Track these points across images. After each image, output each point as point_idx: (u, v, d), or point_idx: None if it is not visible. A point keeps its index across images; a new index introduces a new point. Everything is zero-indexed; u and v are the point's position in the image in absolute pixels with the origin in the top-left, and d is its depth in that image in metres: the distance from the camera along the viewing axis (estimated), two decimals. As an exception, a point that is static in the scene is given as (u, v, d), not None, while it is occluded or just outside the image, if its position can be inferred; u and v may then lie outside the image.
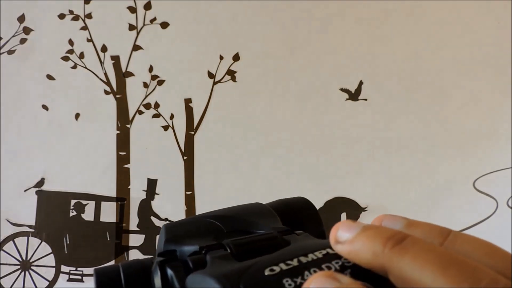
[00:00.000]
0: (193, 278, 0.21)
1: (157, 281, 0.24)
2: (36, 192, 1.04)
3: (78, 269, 1.03)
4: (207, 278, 0.19)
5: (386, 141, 1.05)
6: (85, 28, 1.07)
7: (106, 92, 1.06)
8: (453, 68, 1.06)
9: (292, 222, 0.27)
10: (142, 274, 0.26)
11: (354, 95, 1.06)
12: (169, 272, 0.23)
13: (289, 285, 0.17)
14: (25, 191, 1.04)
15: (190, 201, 1.04)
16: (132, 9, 1.07)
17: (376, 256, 0.17)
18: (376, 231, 0.18)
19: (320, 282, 0.16)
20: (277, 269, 0.18)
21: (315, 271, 0.18)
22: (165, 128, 1.06)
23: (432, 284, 0.15)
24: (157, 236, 0.91)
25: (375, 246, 0.17)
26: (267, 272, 0.18)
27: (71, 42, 1.07)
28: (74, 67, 1.07)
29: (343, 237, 0.19)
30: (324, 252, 0.19)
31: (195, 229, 0.28)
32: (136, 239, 1.04)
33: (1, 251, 1.03)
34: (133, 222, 1.04)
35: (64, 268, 1.03)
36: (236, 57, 1.06)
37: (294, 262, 0.19)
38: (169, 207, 1.05)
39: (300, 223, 0.29)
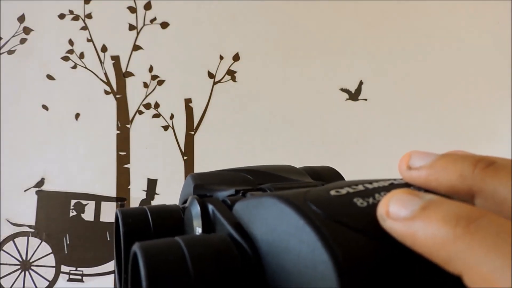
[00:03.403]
0: (244, 204, 0.19)
1: (196, 219, 0.22)
2: (36, 192, 1.04)
3: (78, 269, 1.03)
4: (266, 199, 0.17)
5: (386, 141, 1.05)
6: (85, 28, 1.07)
7: (106, 92, 1.06)
8: (453, 68, 1.06)
9: None
10: (170, 218, 0.24)
11: (354, 95, 1.06)
12: (210, 207, 0.21)
13: (361, 203, 0.16)
14: (25, 191, 1.04)
15: (190, 201, 1.04)
16: (132, 9, 1.07)
17: (463, 177, 0.15)
18: (462, 154, 0.16)
19: (401, 199, 0.15)
20: (342, 191, 0.16)
21: (385, 195, 0.16)
22: (165, 128, 1.06)
23: None
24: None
25: (463, 167, 0.15)
26: (332, 193, 0.16)
27: (71, 42, 1.07)
28: (74, 67, 1.07)
29: (419, 162, 0.17)
30: (389, 182, 0.18)
31: (226, 178, 0.26)
32: (136, 239, 1.04)
33: (1, 251, 1.03)
34: (133, 222, 1.04)
35: (64, 268, 1.03)
36: (236, 57, 1.06)
37: (360, 187, 0.17)
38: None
39: None
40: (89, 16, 1.07)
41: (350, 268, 0.13)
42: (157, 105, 1.06)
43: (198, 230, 0.21)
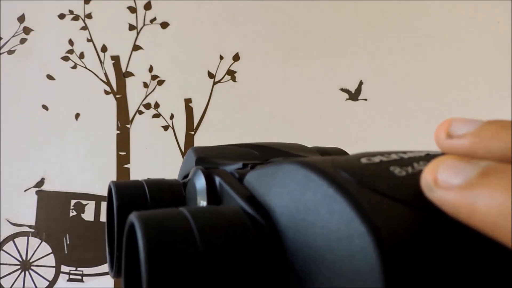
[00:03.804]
0: (258, 173, 0.17)
1: (201, 192, 0.20)
2: (36, 192, 1.04)
3: (78, 269, 1.03)
4: (286, 165, 0.15)
5: (386, 141, 1.05)
6: (85, 28, 1.07)
7: (106, 92, 1.07)
8: (453, 68, 1.06)
9: None
10: (170, 191, 0.22)
11: (354, 95, 1.06)
12: (217, 179, 0.19)
13: (399, 172, 0.14)
14: (25, 191, 1.04)
15: (190, 201, 1.04)
16: (132, 9, 1.07)
17: None
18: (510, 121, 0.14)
19: (452, 164, 0.13)
20: (375, 159, 0.14)
21: (425, 164, 0.14)
22: (165, 128, 1.06)
23: None
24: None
25: None
26: (364, 161, 0.14)
27: (71, 42, 1.07)
28: (74, 67, 1.07)
29: (462, 129, 0.15)
30: (424, 153, 0.15)
31: (231, 152, 0.24)
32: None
33: (1, 251, 1.03)
34: (133, 222, 1.04)
35: (64, 268, 1.03)
36: (236, 57, 1.06)
37: (394, 156, 0.15)
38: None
39: None
40: (89, 16, 1.07)
41: (393, 242, 0.12)
42: (157, 105, 1.06)
43: (203, 205, 0.19)
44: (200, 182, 0.20)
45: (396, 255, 0.11)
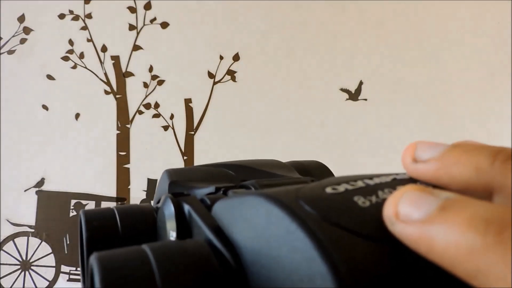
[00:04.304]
0: (225, 204, 0.16)
1: (170, 221, 0.19)
2: (36, 192, 1.04)
3: (78, 269, 1.03)
4: (250, 198, 0.15)
5: (386, 141, 1.05)
6: (85, 28, 1.07)
7: (106, 92, 1.06)
8: (453, 67, 1.06)
9: None
10: (142, 220, 0.21)
11: (354, 95, 1.06)
12: (186, 207, 0.19)
13: (363, 203, 0.13)
14: (25, 191, 1.04)
15: (190, 201, 1.04)
16: (132, 9, 1.07)
17: (480, 171, 0.13)
18: (475, 144, 0.14)
19: (413, 197, 0.12)
20: (340, 188, 0.14)
21: (390, 192, 0.14)
22: (165, 128, 1.06)
23: None
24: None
25: (480, 159, 0.13)
26: (328, 190, 0.14)
27: (71, 42, 1.07)
28: (74, 67, 1.07)
29: (426, 154, 0.15)
30: (391, 177, 0.15)
31: (205, 174, 0.24)
32: (136, 239, 1.04)
33: (1, 251, 1.03)
34: (133, 222, 1.04)
35: (64, 268, 1.03)
36: (236, 57, 1.06)
37: (360, 183, 0.15)
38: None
39: None
40: (89, 16, 1.07)
41: (354, 281, 0.11)
42: (157, 105, 1.06)
43: (172, 235, 0.19)
44: (169, 211, 0.19)
45: None
